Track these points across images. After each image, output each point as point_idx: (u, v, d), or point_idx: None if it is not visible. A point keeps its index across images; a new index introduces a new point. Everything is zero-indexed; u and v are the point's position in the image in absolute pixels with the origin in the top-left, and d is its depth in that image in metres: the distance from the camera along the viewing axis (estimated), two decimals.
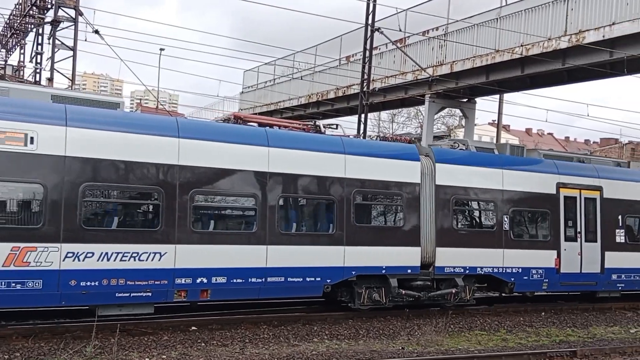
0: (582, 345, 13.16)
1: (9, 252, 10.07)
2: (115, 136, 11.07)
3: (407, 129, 48.54)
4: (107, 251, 10.88)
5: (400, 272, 14.10)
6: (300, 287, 12.97)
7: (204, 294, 11.94)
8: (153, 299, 11.50)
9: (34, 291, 10.32)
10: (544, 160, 16.91)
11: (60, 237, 10.53)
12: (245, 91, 42.43)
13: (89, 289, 10.77)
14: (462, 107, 28.53)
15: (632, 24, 18.10)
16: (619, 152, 70.62)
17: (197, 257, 11.73)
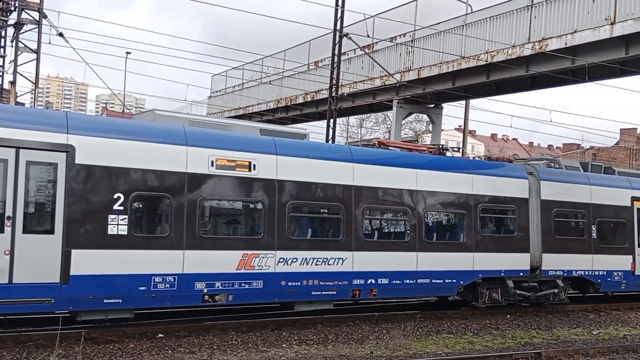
0: (547, 346, 13.41)
1: (241, 258, 12.46)
2: (310, 162, 13.58)
3: (375, 134, 48.94)
4: (306, 257, 13.25)
5: (515, 275, 16.46)
6: (442, 288, 15.36)
7: (372, 293, 14.24)
8: (337, 296, 13.88)
9: (256, 290, 12.68)
10: (619, 177, 19.49)
11: (275, 246, 12.88)
12: (213, 95, 42.19)
13: (294, 288, 13.13)
14: (429, 112, 28.89)
15: (593, 32, 18.59)
16: (580, 157, 72.37)
17: (368, 262, 14.02)
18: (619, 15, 17.91)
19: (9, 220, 10.34)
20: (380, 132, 48.63)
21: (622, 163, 69.91)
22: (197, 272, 11.99)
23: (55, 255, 10.70)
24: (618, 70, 20.45)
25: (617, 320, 17.51)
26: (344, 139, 48.63)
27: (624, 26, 17.75)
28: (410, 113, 29.82)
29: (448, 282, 15.24)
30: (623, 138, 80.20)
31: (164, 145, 11.83)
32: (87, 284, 10.90)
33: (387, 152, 15.56)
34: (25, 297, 10.47)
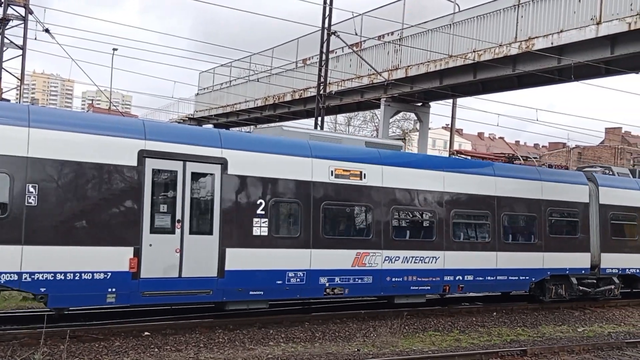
0: (532, 344, 13.51)
1: (355, 256, 14.12)
2: (409, 171, 15.26)
3: (363, 132, 48.99)
4: (406, 256, 14.90)
5: (577, 273, 18.06)
6: (517, 284, 17.11)
7: (459, 288, 15.93)
8: (430, 291, 15.61)
9: (367, 284, 14.35)
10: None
11: (382, 245, 14.54)
12: (200, 93, 41.99)
13: (396, 283, 14.74)
14: (416, 111, 28.94)
15: (579, 31, 18.72)
16: (566, 156, 72.94)
17: (456, 260, 15.66)
18: (605, 15, 18.05)
19: (178, 223, 12.04)
20: (367, 131, 48.72)
21: (606, 162, 70.54)
22: (321, 269, 13.72)
23: (214, 253, 12.38)
24: (603, 70, 20.61)
25: (602, 317, 17.68)
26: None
27: (609, 26, 17.89)
28: (398, 111, 29.86)
29: (522, 279, 17.01)
30: (608, 137, 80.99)
31: (294, 158, 13.61)
32: (238, 278, 12.65)
33: (471, 161, 17.87)
34: (190, 289, 12.20)
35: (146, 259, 11.61)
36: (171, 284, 11.90)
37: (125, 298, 11.55)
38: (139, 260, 11.55)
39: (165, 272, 11.83)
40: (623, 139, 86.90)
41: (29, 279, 10.61)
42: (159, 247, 11.79)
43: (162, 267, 11.82)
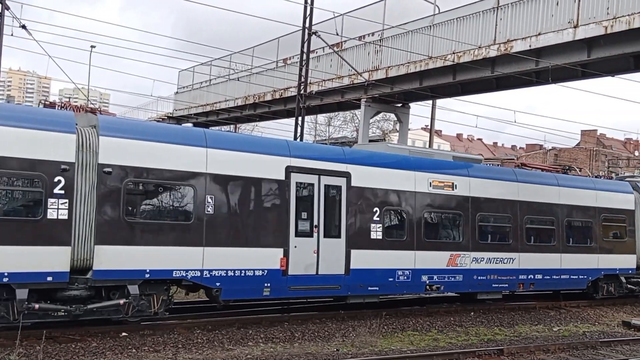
0: (509, 343, 13.66)
1: (449, 257, 16.16)
2: (490, 182, 17.43)
3: (343, 133, 49.05)
4: (489, 257, 16.95)
5: (625, 272, 20.24)
6: (576, 282, 19.20)
7: (531, 285, 17.95)
8: (507, 288, 17.94)
9: (458, 282, 16.39)
10: None
11: (470, 248, 16.57)
12: (180, 91, 41.67)
13: (481, 281, 16.85)
14: (396, 111, 29.04)
15: (556, 34, 18.95)
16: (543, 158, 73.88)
17: (529, 261, 17.74)
18: (582, 19, 18.29)
19: (315, 228, 14.12)
20: (348, 131, 48.78)
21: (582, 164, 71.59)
22: (422, 268, 15.67)
23: (342, 254, 14.37)
24: (580, 73, 20.87)
25: (577, 317, 17.94)
26: (312, 137, 48.67)
27: (586, 29, 18.14)
28: (378, 112, 29.91)
29: (581, 278, 19.18)
30: (584, 139, 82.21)
31: (401, 171, 15.71)
32: (360, 276, 14.61)
33: (538, 173, 19.77)
34: (324, 284, 14.17)
35: (292, 258, 13.62)
36: (310, 279, 13.96)
37: (276, 292, 13.53)
38: (287, 259, 13.57)
39: (306, 269, 13.87)
40: (598, 142, 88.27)
41: (208, 275, 12.55)
42: (302, 248, 13.83)
43: (304, 265, 13.83)
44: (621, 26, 17.28)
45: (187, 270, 12.24)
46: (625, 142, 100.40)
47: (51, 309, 11.03)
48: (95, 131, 11.64)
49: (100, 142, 11.45)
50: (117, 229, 11.52)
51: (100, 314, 11.62)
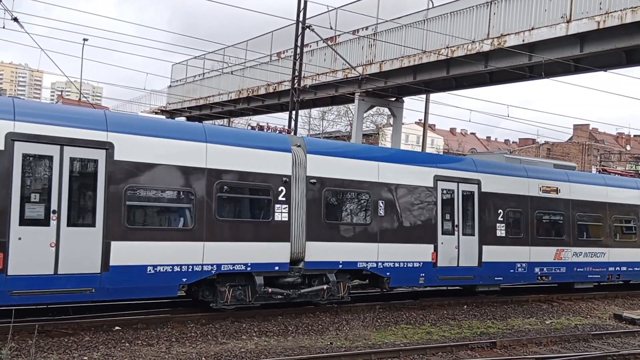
0: (502, 336, 13.74)
1: (555, 252, 18.87)
2: (585, 187, 19.97)
3: (337, 127, 49.03)
4: (586, 251, 19.59)
5: None
6: (629, 275, 21.38)
7: (618, 277, 20.73)
8: (599, 279, 20.44)
9: (562, 273, 19.14)
10: None
11: (571, 243, 19.33)
12: (173, 85, 41.50)
13: (580, 273, 19.45)
14: (390, 106, 29.06)
15: (549, 29, 18.99)
16: (535, 152, 74.12)
17: (617, 255, 20.43)
18: (575, 14, 18.33)
19: (456, 227, 16.74)
20: (341, 125, 48.75)
21: (574, 158, 71.88)
22: (535, 261, 18.37)
23: (476, 249, 17.02)
24: (573, 67, 20.94)
25: (569, 310, 18.06)
26: (306, 131, 48.60)
27: (579, 24, 18.19)
28: (372, 106, 29.90)
29: (636, 270, 21.23)
30: (576, 134, 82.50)
31: (519, 178, 18.38)
32: (489, 267, 17.28)
33: (623, 178, 22.30)
34: (463, 274, 16.87)
35: (440, 252, 16.23)
36: (453, 270, 16.57)
37: (428, 280, 16.17)
38: (437, 253, 16.17)
39: (450, 262, 16.48)
40: (590, 136, 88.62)
41: (382, 266, 15.18)
42: (447, 244, 16.40)
43: (449, 258, 16.43)
44: (613, 21, 17.34)
45: (367, 262, 14.98)
46: (617, 137, 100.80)
47: (278, 293, 13.71)
48: (302, 149, 14.36)
49: (307, 158, 14.23)
50: (320, 229, 14.26)
51: (306, 297, 14.28)
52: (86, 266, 11.15)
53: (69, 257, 11.00)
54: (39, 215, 10.81)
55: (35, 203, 10.82)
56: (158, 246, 11.96)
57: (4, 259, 10.46)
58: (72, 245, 11.04)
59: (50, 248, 10.86)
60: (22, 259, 10.60)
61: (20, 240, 10.59)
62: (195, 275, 12.39)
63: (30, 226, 10.71)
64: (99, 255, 11.28)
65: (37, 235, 10.75)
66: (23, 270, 10.59)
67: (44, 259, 10.79)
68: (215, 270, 12.64)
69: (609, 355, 12.09)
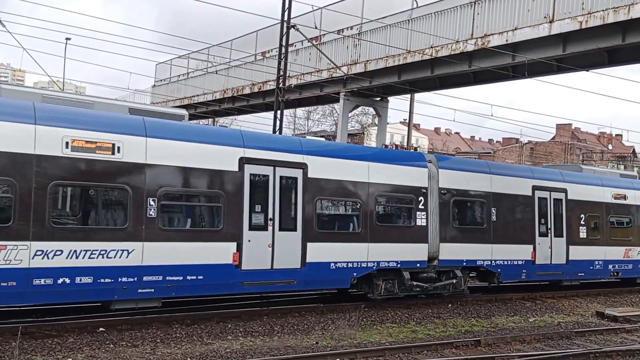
0: (486, 334, 13.84)
1: (624, 251, 21.44)
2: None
3: (323, 127, 49.06)
4: None
5: None
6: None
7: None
8: None
9: (629, 269, 21.57)
10: None
11: (637, 243, 21.87)
12: (157, 84, 41.25)
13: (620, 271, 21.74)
14: (375, 105, 29.12)
15: (532, 29, 19.15)
16: (519, 152, 74.64)
17: None
18: (557, 14, 18.51)
19: (548, 230, 19.25)
20: (327, 125, 48.79)
21: (557, 157, 72.54)
22: (609, 259, 20.97)
23: (563, 248, 19.54)
24: (555, 67, 21.13)
25: (552, 308, 18.23)
26: (291, 130, 48.58)
27: (561, 24, 18.36)
28: (357, 106, 29.94)
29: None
30: (559, 133, 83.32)
31: (595, 187, 20.95)
32: (574, 265, 19.87)
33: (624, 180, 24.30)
34: (553, 271, 19.53)
35: (537, 252, 18.83)
36: (547, 267, 19.21)
37: (528, 276, 18.88)
38: (535, 252, 18.81)
39: (544, 260, 19.01)
40: (573, 135, 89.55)
41: (494, 264, 17.79)
42: (542, 244, 19.09)
43: (544, 257, 19.03)
44: (596, 21, 17.53)
45: (483, 260, 17.61)
46: (599, 136, 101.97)
47: (419, 285, 16.19)
48: (434, 165, 16.90)
49: (439, 172, 16.87)
50: (449, 232, 16.88)
51: (437, 290, 16.72)
52: (291, 262, 13.85)
53: (280, 255, 13.67)
54: (261, 222, 13.49)
55: (258, 212, 13.50)
56: (338, 247, 14.72)
57: (239, 256, 13.05)
58: (282, 246, 13.71)
59: (268, 248, 13.53)
60: (251, 257, 13.19)
61: (249, 242, 13.24)
62: (362, 270, 15.13)
63: (255, 231, 13.34)
64: (299, 254, 13.97)
65: (260, 238, 13.40)
66: (251, 265, 13.22)
67: (263, 257, 13.43)
68: (375, 266, 15.36)
69: (591, 352, 12.22)
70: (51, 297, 11.11)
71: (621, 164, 65.90)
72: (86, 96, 14.41)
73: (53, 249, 10.81)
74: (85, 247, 11.11)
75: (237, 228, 13.00)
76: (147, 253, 11.78)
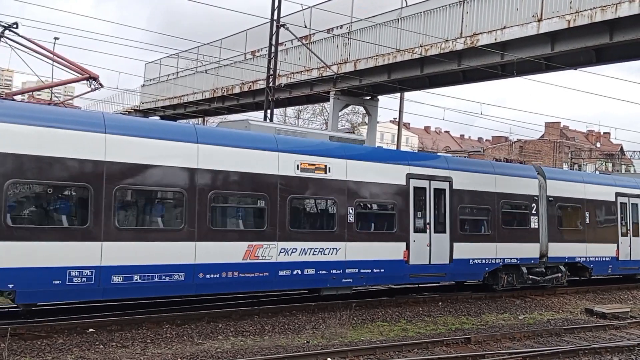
0: (476, 332, 13.91)
1: None
2: None
3: (313, 126, 49.02)
4: None
5: None
6: None
7: None
8: None
9: None
10: None
11: None
12: (147, 84, 41.06)
13: None
14: (365, 104, 29.14)
15: (521, 28, 19.24)
16: (508, 150, 74.93)
17: None
18: (546, 13, 18.60)
19: (628, 231, 21.96)
20: (317, 124, 48.76)
21: (546, 155, 72.93)
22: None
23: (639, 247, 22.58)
24: (544, 66, 21.22)
25: (541, 305, 18.34)
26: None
27: (549, 23, 18.45)
28: (347, 105, 29.93)
29: None
30: (547, 131, 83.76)
31: None
32: None
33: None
34: (632, 266, 22.37)
35: (620, 249, 21.63)
36: (627, 263, 22.12)
37: (613, 270, 21.65)
38: (618, 250, 21.71)
39: (625, 256, 22.05)
40: (561, 133, 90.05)
41: (588, 260, 20.79)
42: (623, 243, 21.83)
43: (624, 253, 21.97)
44: (583, 20, 17.63)
45: (580, 257, 20.42)
46: (588, 134, 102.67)
47: (532, 279, 19.27)
48: (541, 176, 20.03)
49: (547, 182, 20.05)
50: (555, 233, 19.85)
51: (545, 282, 19.66)
52: (442, 258, 16.85)
53: (435, 253, 16.68)
54: (422, 225, 16.53)
55: (419, 218, 16.50)
56: (475, 246, 17.71)
57: (408, 253, 16.09)
58: (436, 245, 16.72)
59: (427, 247, 16.55)
60: (415, 254, 16.24)
61: (414, 242, 16.25)
62: (492, 265, 18.21)
63: (418, 233, 16.40)
64: (448, 252, 16.99)
65: (421, 239, 16.43)
66: (416, 261, 16.24)
67: (424, 254, 16.46)
68: (502, 262, 18.39)
69: (580, 349, 12.31)
70: (289, 285, 14.34)
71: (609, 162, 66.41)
72: (301, 128, 18.75)
73: (291, 247, 13.91)
74: (310, 246, 14.24)
75: (406, 231, 16.14)
76: (348, 251, 14.88)
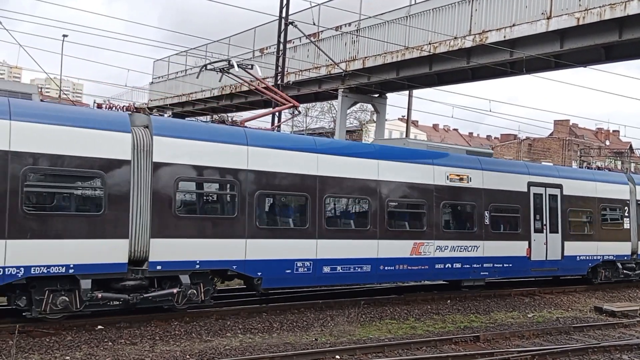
0: (485, 330, 13.85)
1: None
2: None
3: (321, 123, 48.97)
4: None
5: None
6: None
7: None
8: None
9: None
10: None
11: None
12: (155, 81, 41.18)
13: None
14: (373, 102, 29.10)
15: (530, 25, 19.15)
16: (517, 148, 74.58)
17: None
18: (555, 10, 18.51)
19: None
20: (325, 122, 48.69)
21: (555, 153, 72.48)
22: None
23: None
24: (553, 64, 21.14)
25: (551, 303, 18.26)
26: (290, 127, 48.45)
27: (559, 21, 18.36)
28: (355, 102, 29.92)
29: None
30: (556, 129, 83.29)
31: None
32: None
33: None
34: None
35: None
36: None
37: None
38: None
39: None
40: (571, 131, 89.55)
41: None
42: None
43: None
44: (593, 18, 17.54)
45: (617, 256, 21.53)
46: (597, 132, 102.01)
47: (626, 274, 21.37)
48: (631, 182, 22.06)
49: (636, 188, 22.03)
50: None
51: (637, 276, 21.92)
52: (556, 255, 19.25)
53: (550, 250, 19.04)
54: (540, 227, 18.91)
55: (538, 220, 18.87)
56: (580, 244, 20.05)
57: (530, 251, 18.55)
58: (551, 244, 19.06)
59: (544, 245, 18.97)
60: (535, 251, 18.67)
61: (534, 241, 18.70)
62: (594, 262, 20.56)
63: (537, 233, 18.83)
64: (560, 249, 19.36)
65: (539, 238, 18.88)
66: (536, 257, 18.72)
67: (541, 251, 18.88)
68: (602, 259, 20.73)
69: (590, 347, 12.24)
70: (442, 276, 17.24)
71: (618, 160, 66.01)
72: (445, 144, 21.54)
73: (444, 245, 16.44)
74: (457, 244, 16.75)
75: (528, 231, 18.60)
76: (485, 248, 17.38)
